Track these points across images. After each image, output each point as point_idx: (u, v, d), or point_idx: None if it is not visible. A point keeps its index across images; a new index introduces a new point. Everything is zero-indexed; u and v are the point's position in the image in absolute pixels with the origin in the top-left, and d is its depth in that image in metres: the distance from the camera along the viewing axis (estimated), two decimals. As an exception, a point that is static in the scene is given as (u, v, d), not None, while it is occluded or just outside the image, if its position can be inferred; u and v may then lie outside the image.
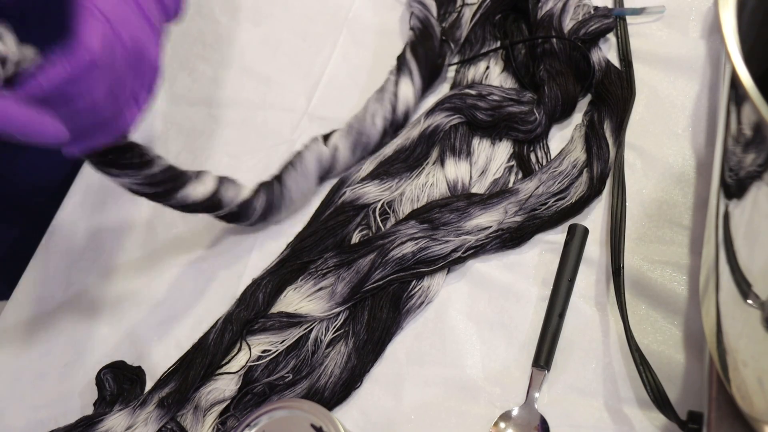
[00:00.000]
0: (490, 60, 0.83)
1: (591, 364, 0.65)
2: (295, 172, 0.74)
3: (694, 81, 0.78)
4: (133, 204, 0.81)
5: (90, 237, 0.80)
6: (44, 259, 0.79)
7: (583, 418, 0.63)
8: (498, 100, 0.78)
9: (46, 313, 0.76)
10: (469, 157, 0.77)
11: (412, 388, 0.67)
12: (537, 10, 0.82)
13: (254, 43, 0.91)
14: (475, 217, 0.71)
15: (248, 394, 0.67)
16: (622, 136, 0.74)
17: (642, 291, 0.68)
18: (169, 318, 0.73)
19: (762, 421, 0.52)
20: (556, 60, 0.79)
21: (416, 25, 0.83)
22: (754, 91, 0.38)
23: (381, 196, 0.75)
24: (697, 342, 0.64)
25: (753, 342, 0.49)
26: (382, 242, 0.71)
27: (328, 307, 0.69)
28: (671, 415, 0.59)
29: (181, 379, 0.67)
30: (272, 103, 0.86)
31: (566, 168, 0.73)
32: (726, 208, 0.48)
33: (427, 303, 0.71)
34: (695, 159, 0.74)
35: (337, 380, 0.67)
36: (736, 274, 0.47)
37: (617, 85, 0.77)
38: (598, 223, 0.72)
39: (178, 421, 0.66)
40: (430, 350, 0.69)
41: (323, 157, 0.75)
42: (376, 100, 0.78)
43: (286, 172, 0.74)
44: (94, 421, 0.66)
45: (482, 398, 0.65)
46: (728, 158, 0.46)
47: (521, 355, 0.67)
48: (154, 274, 0.76)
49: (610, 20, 0.81)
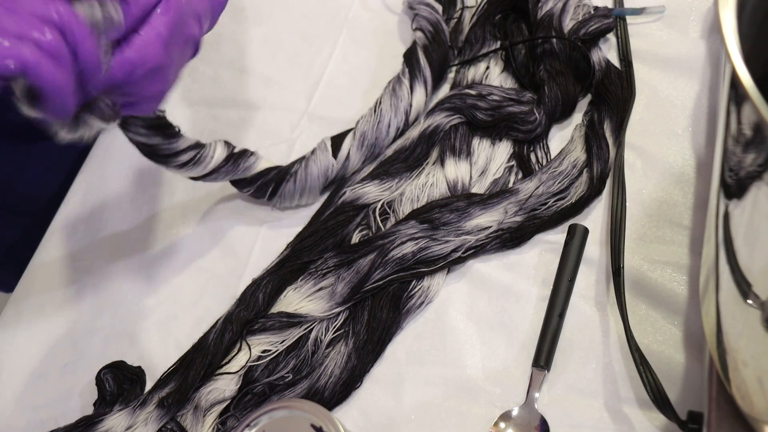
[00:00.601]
0: (490, 60, 0.83)
1: (591, 364, 0.65)
2: (299, 178, 0.75)
3: (694, 81, 0.78)
4: (132, 204, 0.81)
5: (90, 237, 0.80)
6: (44, 259, 0.79)
7: (583, 418, 0.63)
8: (498, 100, 0.78)
9: (46, 313, 0.76)
10: (469, 157, 0.77)
11: (412, 388, 0.67)
12: (537, 10, 0.82)
13: (254, 43, 0.91)
14: (475, 217, 0.71)
15: (248, 394, 0.67)
16: (622, 136, 0.74)
17: (642, 291, 0.68)
18: (169, 318, 0.73)
19: (762, 421, 0.52)
20: (556, 60, 0.79)
21: (426, 27, 0.82)
22: (754, 91, 0.38)
23: (381, 196, 0.75)
24: (697, 342, 0.64)
25: (753, 342, 0.49)
26: (382, 242, 0.71)
27: (328, 307, 0.69)
28: (671, 415, 0.59)
29: (181, 379, 0.67)
30: (272, 103, 0.86)
31: (566, 168, 0.73)
32: (726, 208, 0.48)
33: (427, 303, 0.71)
34: (695, 159, 0.74)
35: (337, 380, 0.67)
36: (736, 274, 0.47)
37: (617, 85, 0.77)
38: (598, 223, 0.72)
39: (178, 421, 0.66)
40: (430, 350, 0.69)
41: (330, 171, 0.76)
42: (390, 107, 0.77)
43: (293, 172, 0.75)
44: (94, 421, 0.66)
45: (482, 398, 0.65)
46: (728, 158, 0.46)
47: (521, 355, 0.67)
48: (154, 274, 0.76)
49: (610, 20, 0.81)
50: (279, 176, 0.75)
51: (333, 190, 0.77)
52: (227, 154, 0.71)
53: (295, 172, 0.75)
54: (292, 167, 0.75)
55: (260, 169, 0.74)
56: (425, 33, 0.82)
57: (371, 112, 0.78)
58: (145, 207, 0.80)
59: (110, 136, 0.87)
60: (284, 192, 0.75)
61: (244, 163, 0.72)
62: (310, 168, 0.75)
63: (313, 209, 0.77)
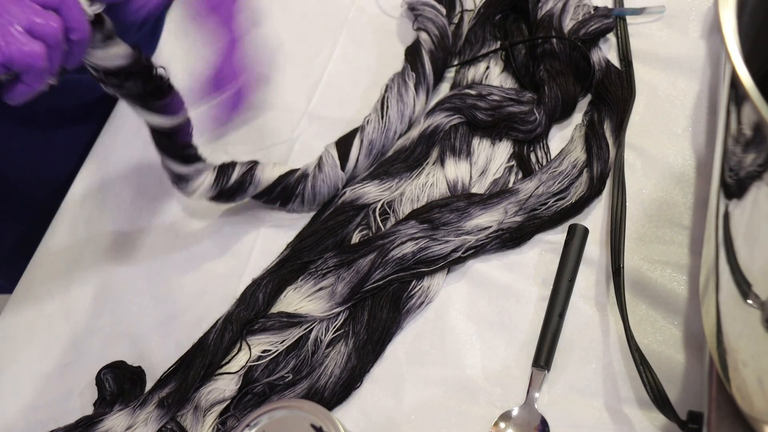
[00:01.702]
0: (490, 60, 0.83)
1: (591, 364, 0.65)
2: (307, 194, 0.75)
3: (694, 81, 0.78)
4: (132, 204, 0.81)
5: (90, 237, 0.80)
6: (44, 259, 0.79)
7: (583, 418, 0.63)
8: (498, 100, 0.78)
9: (47, 312, 0.76)
10: (469, 157, 0.77)
11: (412, 388, 0.67)
12: (537, 10, 0.82)
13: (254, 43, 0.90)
14: (475, 217, 0.71)
15: (248, 394, 0.67)
16: (622, 136, 0.74)
17: (642, 291, 0.68)
18: (169, 318, 0.73)
19: (762, 421, 0.52)
20: (556, 60, 0.79)
21: (432, 31, 0.82)
22: (754, 91, 0.38)
23: (381, 196, 0.75)
24: (697, 342, 0.64)
25: (753, 342, 0.49)
26: (382, 242, 0.71)
27: (328, 307, 0.69)
28: (671, 415, 0.59)
29: (181, 379, 0.67)
30: (272, 103, 0.85)
31: (566, 168, 0.73)
32: (726, 208, 0.48)
33: (427, 303, 0.71)
34: (695, 159, 0.74)
35: (337, 380, 0.67)
36: (736, 274, 0.47)
37: (617, 85, 0.77)
38: (598, 223, 0.72)
39: (178, 421, 0.66)
40: (430, 350, 0.69)
41: (339, 184, 0.76)
42: (398, 113, 0.78)
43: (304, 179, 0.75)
44: (94, 421, 0.66)
45: (482, 398, 0.65)
46: (728, 158, 0.46)
47: (521, 355, 0.67)
48: (154, 274, 0.76)
49: (610, 20, 0.81)
50: (286, 194, 0.75)
51: (333, 190, 0.77)
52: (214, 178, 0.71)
53: (302, 189, 0.75)
54: (298, 185, 0.75)
55: (264, 184, 0.74)
56: (431, 36, 0.82)
57: (378, 118, 0.78)
58: (145, 207, 0.80)
59: (110, 136, 0.87)
60: (292, 207, 0.76)
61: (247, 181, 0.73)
62: (318, 187, 0.75)
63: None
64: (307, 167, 0.76)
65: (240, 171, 0.72)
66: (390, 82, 0.80)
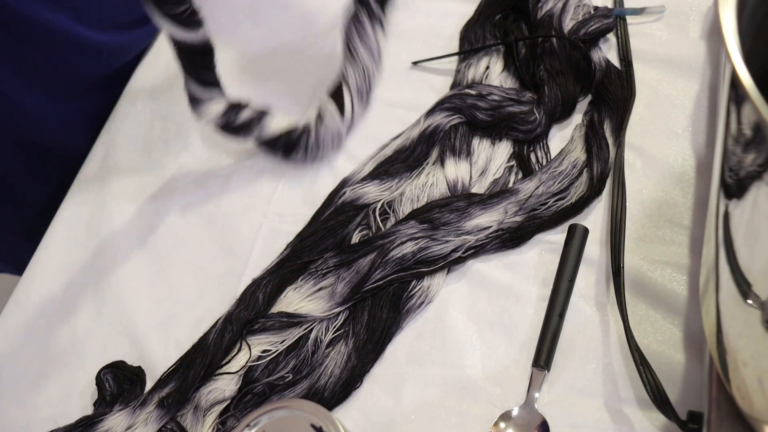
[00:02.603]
0: (490, 60, 0.83)
1: (591, 364, 0.65)
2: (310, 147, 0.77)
3: (694, 81, 0.78)
4: (133, 204, 0.81)
5: (90, 237, 0.80)
6: (44, 259, 0.79)
7: (583, 418, 0.63)
8: (498, 100, 0.78)
9: (47, 312, 0.76)
10: (469, 157, 0.77)
11: (412, 388, 0.67)
12: (537, 10, 0.82)
13: (254, 43, 0.91)
14: (475, 217, 0.71)
15: (248, 394, 0.67)
16: (622, 136, 0.74)
17: (642, 291, 0.68)
18: (169, 318, 0.73)
19: (762, 421, 0.52)
20: (557, 60, 0.79)
21: None
22: (754, 91, 0.38)
23: (381, 196, 0.75)
24: (697, 342, 0.64)
25: (753, 342, 0.49)
26: (382, 242, 0.71)
27: (328, 307, 0.69)
28: (671, 415, 0.59)
29: (181, 379, 0.67)
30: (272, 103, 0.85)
31: (566, 168, 0.73)
32: (726, 208, 0.48)
33: (427, 303, 0.71)
34: (695, 159, 0.74)
35: (337, 380, 0.67)
36: (736, 274, 0.47)
37: (617, 85, 0.77)
38: (598, 223, 0.72)
39: (178, 421, 0.66)
40: (430, 350, 0.69)
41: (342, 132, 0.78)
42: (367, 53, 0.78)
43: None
44: (94, 421, 0.66)
45: (482, 398, 0.65)
46: (728, 158, 0.46)
47: (521, 355, 0.67)
48: (154, 273, 0.76)
49: (610, 20, 0.81)
50: (289, 145, 0.77)
51: (333, 190, 0.77)
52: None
53: (306, 141, 0.77)
54: (301, 138, 0.77)
55: (270, 134, 0.76)
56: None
57: (348, 60, 0.77)
58: (145, 207, 0.80)
59: (110, 136, 0.87)
60: (295, 160, 0.78)
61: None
62: (322, 136, 0.77)
63: (313, 209, 0.77)
64: (308, 121, 0.77)
65: (250, 113, 0.75)
66: (346, 28, 0.78)
